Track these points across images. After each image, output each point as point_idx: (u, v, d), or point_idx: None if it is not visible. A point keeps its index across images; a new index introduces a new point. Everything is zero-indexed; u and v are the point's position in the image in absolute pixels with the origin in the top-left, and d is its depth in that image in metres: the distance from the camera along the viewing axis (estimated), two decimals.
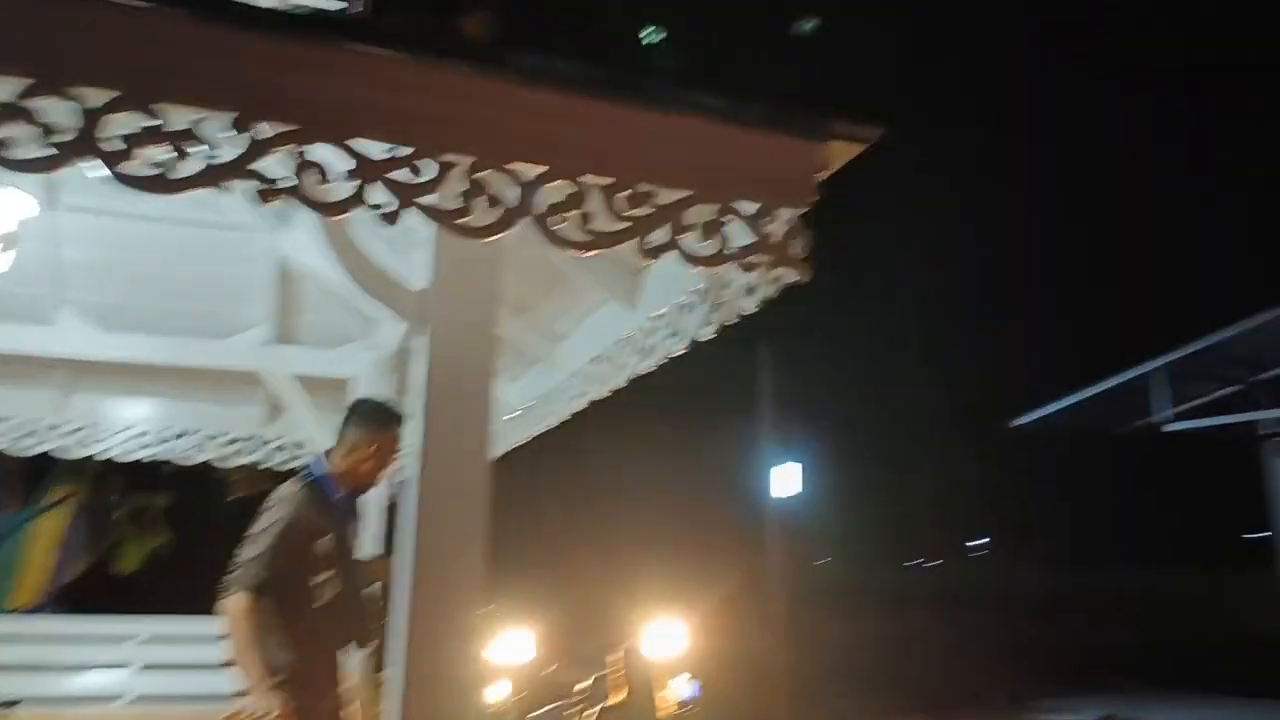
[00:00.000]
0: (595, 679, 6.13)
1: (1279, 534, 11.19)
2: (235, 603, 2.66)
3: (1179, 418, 11.29)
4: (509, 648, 6.80)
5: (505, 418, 4.29)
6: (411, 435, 2.49)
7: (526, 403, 4.03)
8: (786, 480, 14.40)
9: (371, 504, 3.65)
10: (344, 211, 1.71)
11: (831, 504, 19.48)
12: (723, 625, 8.70)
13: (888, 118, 2.02)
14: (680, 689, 5.50)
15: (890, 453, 23.57)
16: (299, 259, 4.03)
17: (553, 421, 3.72)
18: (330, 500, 2.90)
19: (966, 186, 24.42)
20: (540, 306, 3.63)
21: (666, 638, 7.64)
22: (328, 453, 2.98)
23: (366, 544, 3.49)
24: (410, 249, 3.28)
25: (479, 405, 2.40)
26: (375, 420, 2.96)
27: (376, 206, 1.72)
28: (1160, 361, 10.91)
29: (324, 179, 1.72)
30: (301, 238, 3.92)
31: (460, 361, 2.39)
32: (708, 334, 2.49)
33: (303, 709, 2.73)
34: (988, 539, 25.03)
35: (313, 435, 4.74)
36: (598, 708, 4.53)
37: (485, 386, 2.39)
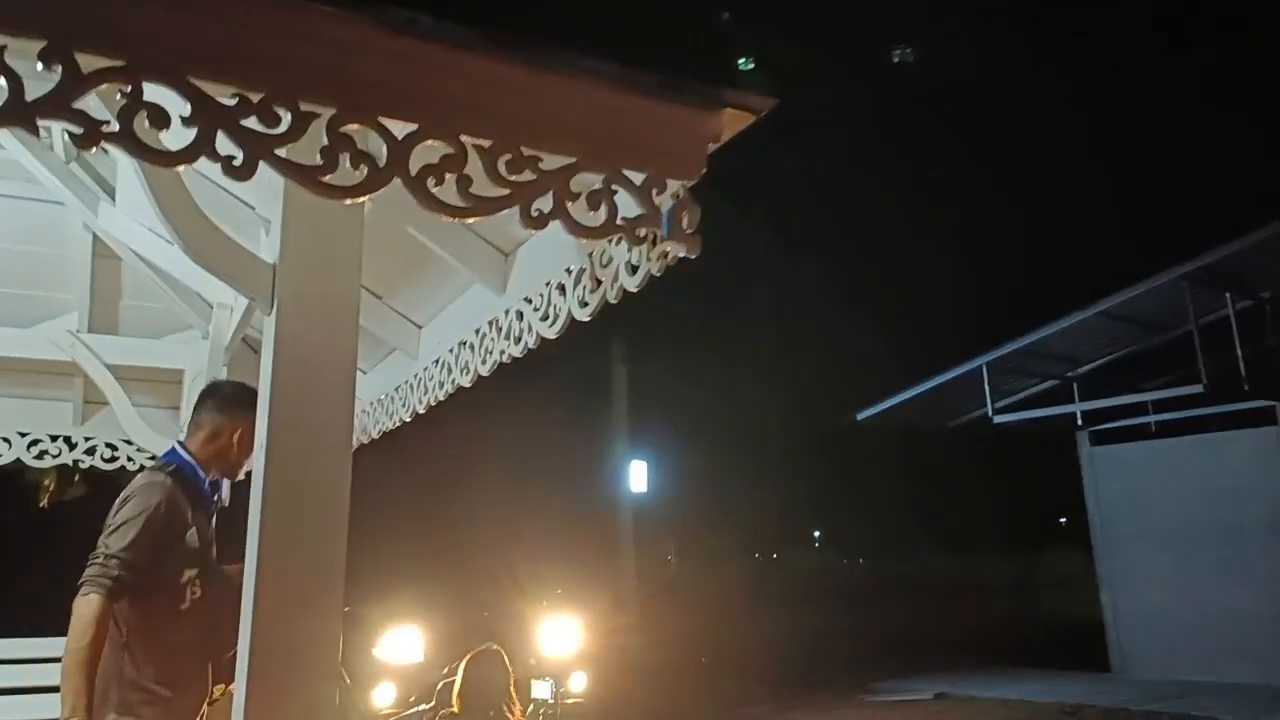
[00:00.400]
0: (440, 687, 5.93)
1: (1091, 518, 12.09)
2: (88, 606, 2.33)
3: (1005, 410, 12.03)
4: (396, 648, 6.50)
5: (361, 410, 4.02)
6: (259, 424, 2.24)
7: (384, 393, 3.77)
8: (638, 476, 14.48)
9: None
10: (184, 161, 1.48)
11: (680, 499, 19.73)
12: (586, 621, 8.62)
13: (779, 90, 1.95)
14: (538, 690, 5.35)
15: (737, 448, 24.13)
16: (120, 237, 3.64)
17: (411, 414, 3.49)
18: (199, 489, 2.61)
19: (816, 186, 25.31)
20: (401, 291, 3.40)
21: (555, 636, 7.51)
22: (181, 443, 2.68)
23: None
24: (254, 226, 3.00)
25: (337, 392, 2.18)
26: (237, 403, 2.69)
27: (224, 158, 1.50)
28: (988, 357, 11.59)
29: (159, 126, 1.49)
30: (124, 212, 3.54)
31: (315, 343, 2.16)
32: (585, 315, 2.36)
33: None
34: (831, 530, 26.04)
35: (134, 434, 4.31)
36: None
37: (345, 372, 2.17)
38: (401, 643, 6.55)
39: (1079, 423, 12.07)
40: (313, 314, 2.14)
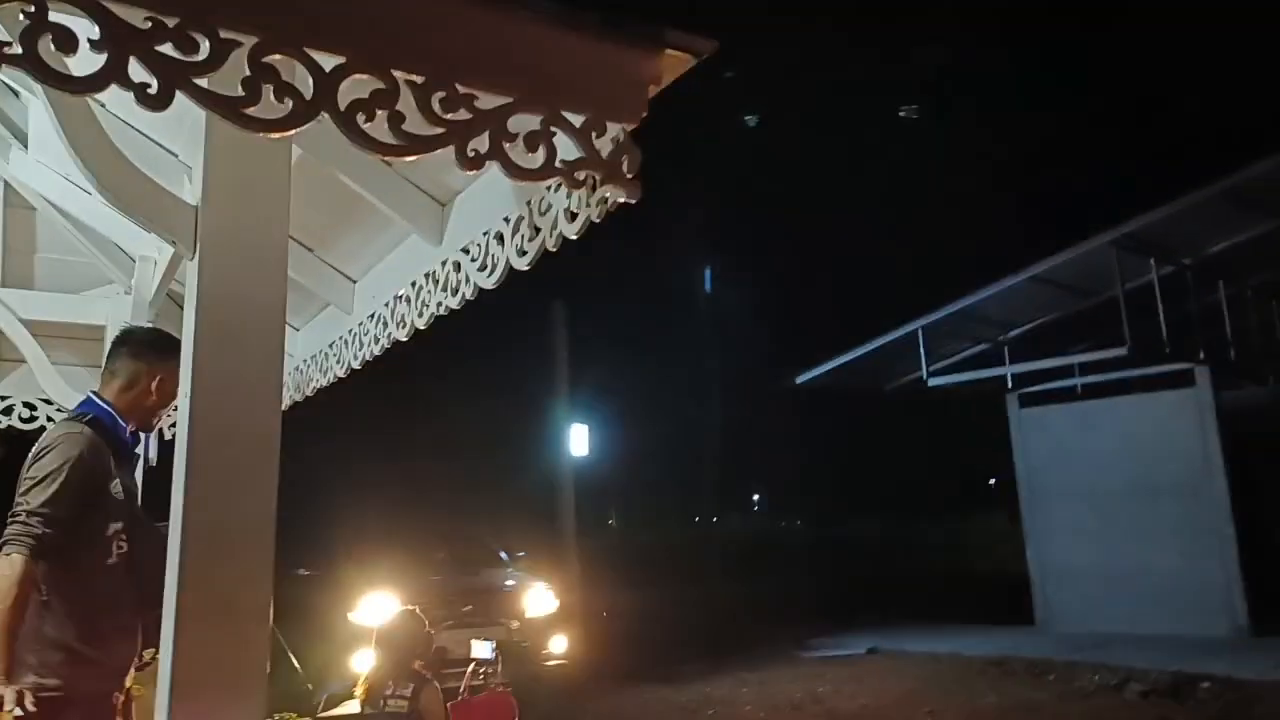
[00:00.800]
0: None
1: (1019, 478, 12.45)
2: (10, 566, 2.23)
3: (939, 374, 12.28)
4: (375, 613, 6.44)
5: (294, 367, 3.92)
6: (183, 377, 2.15)
7: (318, 350, 3.68)
8: (578, 440, 14.47)
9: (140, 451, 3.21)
10: (93, 89, 1.39)
11: (621, 463, 19.83)
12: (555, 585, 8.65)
13: (719, 34, 1.92)
14: (478, 649, 5.33)
15: (678, 412, 24.29)
16: (33, 185, 3.47)
17: (346, 370, 3.41)
18: (120, 439, 2.51)
19: (755, 152, 25.33)
20: (333, 243, 3.30)
21: (536, 599, 7.45)
22: (96, 393, 2.57)
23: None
24: (176, 173, 2.87)
25: (265, 341, 2.10)
26: (153, 348, 2.58)
27: (137, 86, 1.41)
28: (924, 321, 11.80)
29: (66, 51, 1.40)
30: (37, 159, 3.37)
31: (241, 289, 2.08)
32: (524, 265, 2.31)
33: (82, 699, 2.35)
34: (770, 493, 26.42)
35: (53, 392, 4.15)
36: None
37: (273, 321, 2.09)
38: (380, 607, 6.51)
39: (1009, 385, 12.38)
40: (238, 258, 2.05)
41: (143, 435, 2.82)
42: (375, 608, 6.57)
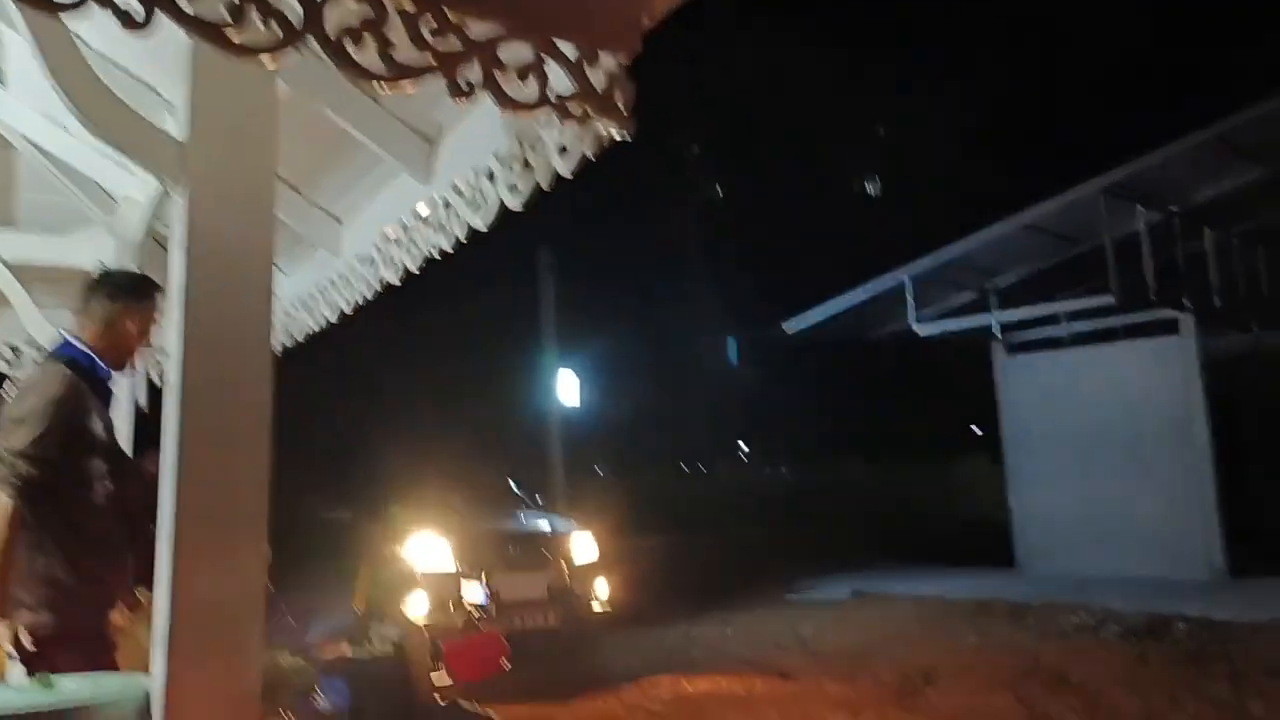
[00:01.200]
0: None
1: (1003, 425, 12.57)
2: None
3: (927, 321, 12.33)
4: (425, 554, 6.50)
5: (283, 312, 3.89)
6: (171, 321, 2.13)
7: (307, 294, 3.65)
8: (568, 389, 14.50)
9: (123, 392, 3.21)
10: (72, 7, 1.36)
11: (608, 412, 19.90)
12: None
13: None
14: (472, 593, 5.41)
15: (666, 360, 24.35)
16: (11, 122, 3.40)
17: (336, 314, 3.39)
18: (99, 380, 2.51)
19: (740, 100, 25.00)
20: (320, 183, 3.26)
21: (582, 546, 7.33)
22: (73, 335, 2.56)
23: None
24: (159, 111, 2.82)
25: (255, 280, 2.08)
26: (130, 290, 2.58)
27: (118, 8, 1.38)
28: (912, 269, 11.81)
29: None
30: (15, 96, 3.30)
31: (229, 228, 2.05)
32: (516, 203, 2.29)
33: (77, 634, 2.37)
34: (759, 441, 26.61)
35: (39, 334, 4.12)
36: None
37: (262, 259, 2.08)
38: (427, 548, 6.55)
39: (996, 333, 12.44)
40: (226, 195, 2.03)
41: (130, 379, 2.83)
42: (423, 548, 6.61)
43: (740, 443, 27.85)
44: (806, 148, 24.41)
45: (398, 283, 2.95)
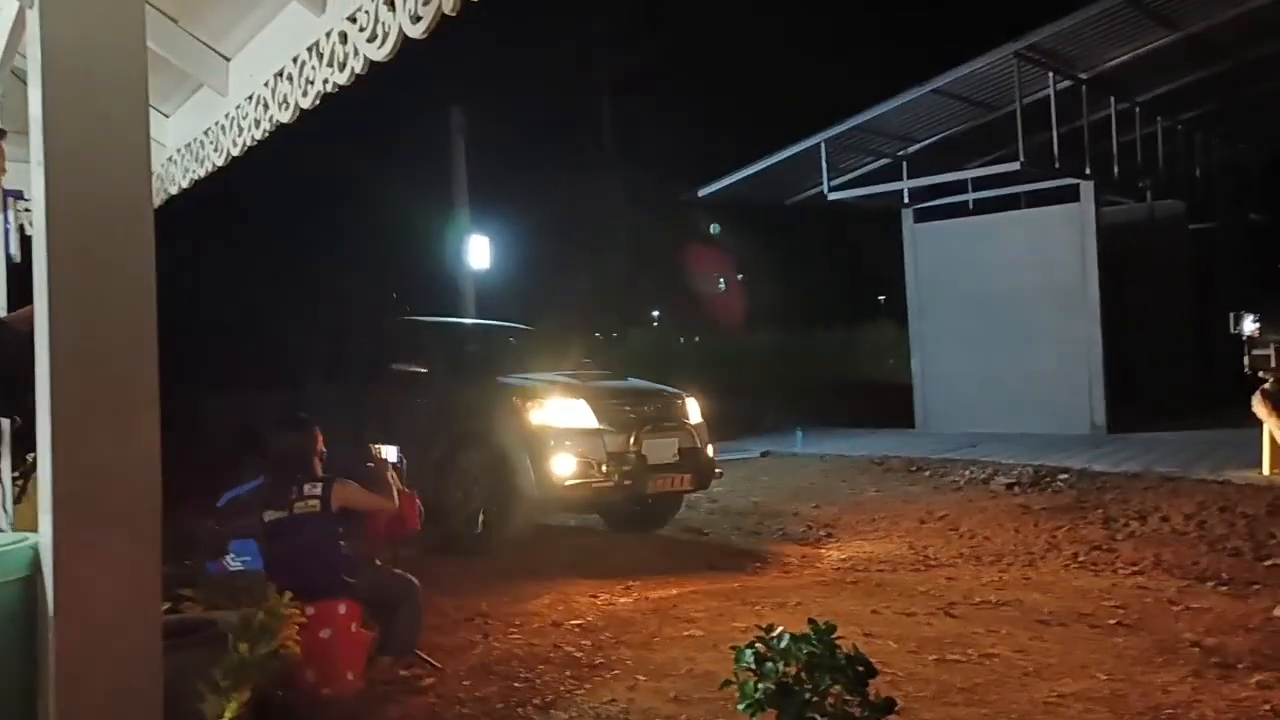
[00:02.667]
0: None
1: (909, 290, 12.87)
2: None
3: (839, 188, 12.37)
4: (559, 414, 6.23)
5: (166, 158, 3.63)
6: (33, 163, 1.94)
7: (192, 138, 3.40)
8: (479, 252, 14.23)
9: None
10: None
11: (522, 277, 19.64)
12: None
13: None
14: (388, 453, 5.35)
15: (579, 225, 24.01)
16: None
17: (225, 157, 3.16)
18: None
19: None
20: (201, 13, 2.98)
21: (694, 408, 7.06)
22: None
23: None
24: None
25: (127, 109, 1.90)
26: None
27: None
28: (826, 134, 11.74)
29: None
30: None
31: (94, 50, 1.85)
32: (418, 32, 2.13)
33: None
34: (671, 307, 26.69)
35: None
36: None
37: (135, 81, 1.88)
38: (563, 409, 6.29)
39: (906, 200, 12.58)
40: (87, 11, 1.82)
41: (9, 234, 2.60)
42: (558, 409, 6.35)
43: (653, 310, 27.98)
44: (728, 9, 23.71)
45: (289, 121, 2.75)
